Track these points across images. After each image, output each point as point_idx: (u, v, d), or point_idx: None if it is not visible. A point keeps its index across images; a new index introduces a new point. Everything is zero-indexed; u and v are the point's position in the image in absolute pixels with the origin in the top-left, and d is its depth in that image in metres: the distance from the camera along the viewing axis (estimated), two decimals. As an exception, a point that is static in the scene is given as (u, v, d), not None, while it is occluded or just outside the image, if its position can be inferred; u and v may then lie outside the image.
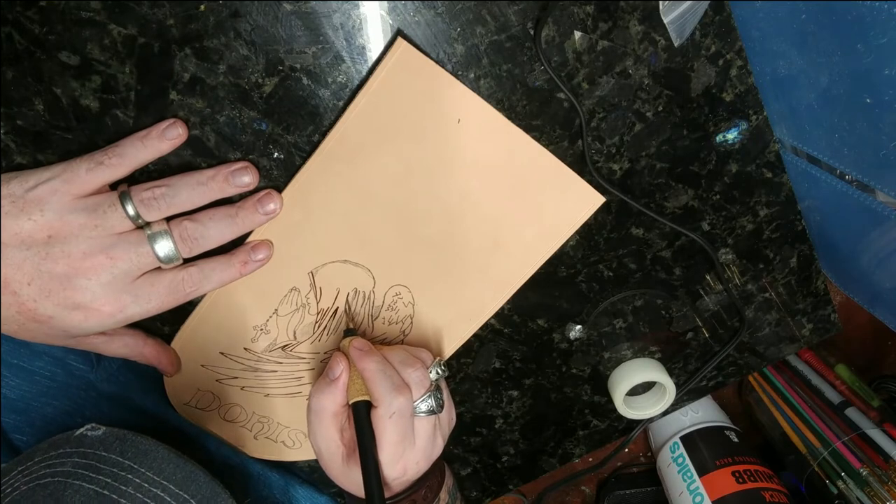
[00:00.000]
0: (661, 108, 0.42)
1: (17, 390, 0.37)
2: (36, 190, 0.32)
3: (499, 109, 0.39)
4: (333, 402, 0.38)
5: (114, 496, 0.28)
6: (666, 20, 0.38)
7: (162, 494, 0.29)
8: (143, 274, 0.35)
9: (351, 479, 0.38)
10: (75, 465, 0.28)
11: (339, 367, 0.38)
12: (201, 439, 0.46)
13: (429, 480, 0.41)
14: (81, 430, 0.31)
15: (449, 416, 0.42)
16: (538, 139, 0.40)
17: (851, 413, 0.65)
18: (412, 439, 0.38)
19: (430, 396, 0.39)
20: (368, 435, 0.36)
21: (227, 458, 0.46)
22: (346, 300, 0.44)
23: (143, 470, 0.29)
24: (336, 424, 0.38)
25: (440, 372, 0.41)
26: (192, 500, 0.30)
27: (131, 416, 0.42)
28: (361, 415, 0.37)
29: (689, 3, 0.37)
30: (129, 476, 0.29)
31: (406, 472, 0.38)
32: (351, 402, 0.37)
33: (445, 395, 0.41)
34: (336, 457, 0.38)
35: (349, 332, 0.42)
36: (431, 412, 0.39)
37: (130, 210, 0.34)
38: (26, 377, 0.38)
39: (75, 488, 0.27)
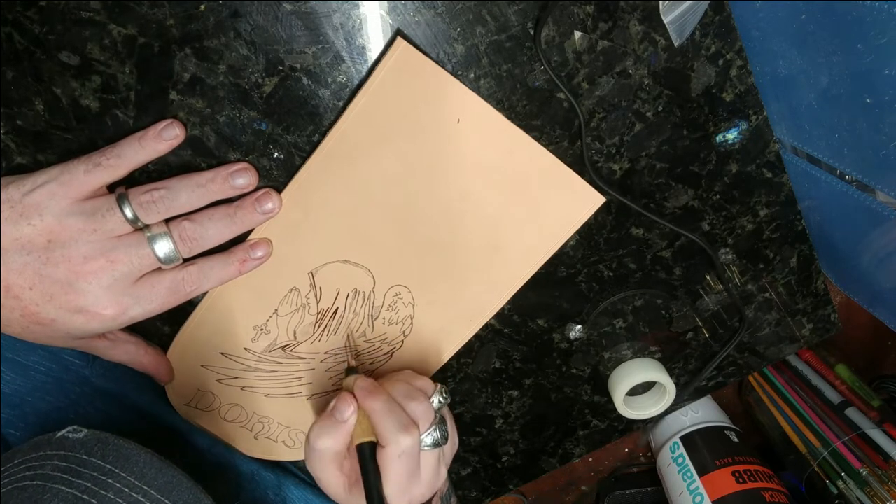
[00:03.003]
0: (661, 108, 0.42)
1: (12, 385, 0.37)
2: (34, 194, 0.32)
3: (499, 109, 0.39)
4: (336, 443, 0.37)
5: (93, 501, 0.27)
6: (666, 20, 0.38)
7: (143, 500, 0.28)
8: (144, 275, 0.35)
9: (354, 503, 0.38)
10: (55, 468, 0.28)
11: (349, 410, 0.37)
12: (193, 437, 0.46)
13: None
14: (63, 431, 0.30)
15: (452, 443, 0.42)
16: (538, 139, 0.40)
17: (851, 413, 0.65)
18: (418, 475, 0.38)
19: (435, 429, 0.38)
20: (375, 476, 0.36)
21: (220, 456, 0.46)
22: (347, 338, 0.44)
23: (124, 475, 0.29)
24: (337, 462, 0.38)
25: (442, 400, 0.40)
26: None
27: (125, 412, 0.42)
28: (367, 456, 0.36)
29: (689, 3, 0.37)
30: (110, 481, 0.28)
31: None
32: (357, 443, 0.37)
33: (449, 424, 0.41)
34: (338, 488, 0.38)
35: (351, 371, 0.41)
36: (436, 445, 0.38)
37: (129, 213, 0.34)
38: (21, 372, 0.38)
39: (54, 492, 0.27)
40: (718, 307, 0.52)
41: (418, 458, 0.37)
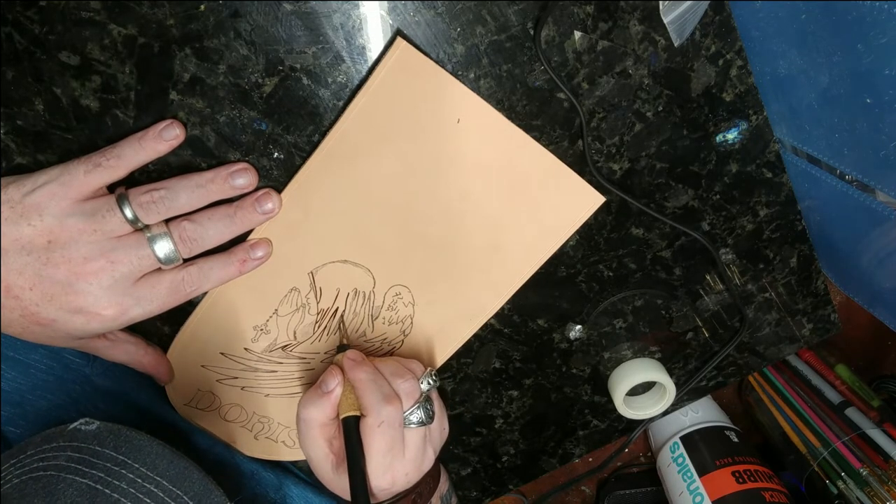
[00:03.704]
0: (661, 108, 0.42)
1: (13, 382, 0.37)
2: (34, 194, 0.32)
3: (499, 109, 0.39)
4: (322, 414, 0.38)
5: (107, 491, 0.28)
6: (666, 20, 0.38)
7: (155, 490, 0.29)
8: (144, 276, 0.35)
9: (341, 485, 0.38)
10: (69, 458, 0.28)
11: (334, 381, 0.38)
12: (194, 436, 0.46)
13: (419, 487, 0.41)
14: (75, 424, 0.30)
15: (440, 426, 0.42)
16: (538, 139, 0.40)
17: (851, 413, 0.65)
18: (401, 450, 0.38)
19: (419, 408, 0.39)
20: (357, 450, 0.36)
21: (220, 455, 0.46)
22: (341, 317, 0.44)
23: (136, 465, 0.29)
24: (324, 435, 0.38)
25: (431, 383, 0.40)
26: (185, 497, 0.30)
27: (126, 411, 0.42)
28: (351, 429, 0.37)
29: (689, 3, 0.37)
30: (123, 471, 0.29)
31: (395, 484, 0.38)
32: (342, 416, 0.37)
33: (437, 406, 0.41)
34: (326, 464, 0.39)
35: (342, 348, 0.42)
36: (421, 423, 0.39)
37: (129, 213, 0.34)
38: (22, 370, 0.38)
39: (68, 482, 0.27)
40: (718, 307, 0.52)
41: (401, 432, 0.38)
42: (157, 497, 0.29)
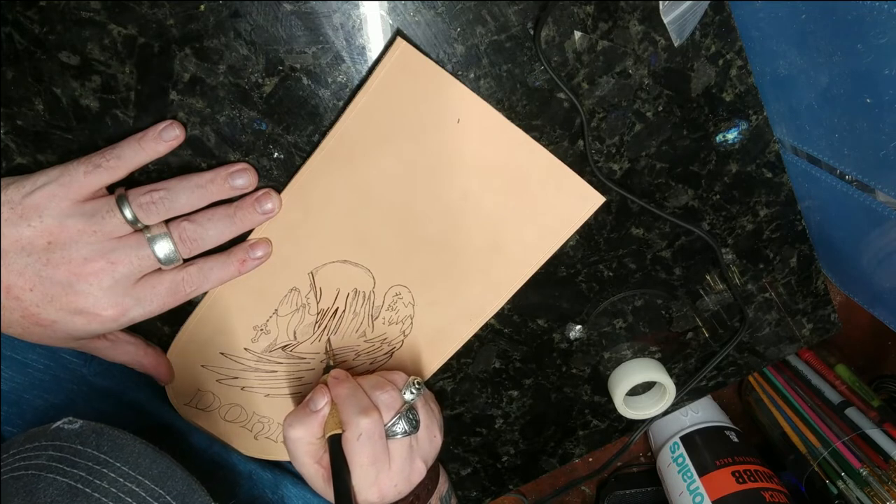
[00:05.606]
0: (661, 108, 0.42)
1: (10, 382, 0.37)
2: (34, 195, 0.32)
3: (499, 109, 0.39)
4: (308, 433, 0.38)
5: (87, 490, 0.27)
6: (666, 20, 0.38)
7: (137, 489, 0.29)
8: (144, 276, 0.35)
9: (333, 497, 0.38)
10: (50, 458, 0.28)
11: (322, 401, 0.38)
12: (191, 436, 0.46)
13: (416, 489, 0.41)
14: (58, 423, 0.30)
15: (429, 436, 0.41)
16: (538, 139, 0.40)
17: (851, 413, 0.65)
18: (386, 462, 0.38)
19: (401, 418, 0.39)
20: (343, 468, 0.36)
21: (218, 455, 0.46)
22: (328, 340, 0.44)
23: (118, 464, 0.29)
24: (311, 452, 0.39)
25: (414, 392, 0.40)
26: (167, 496, 0.29)
27: (123, 411, 0.42)
28: (336, 448, 0.37)
29: (689, 3, 0.37)
30: (105, 470, 0.29)
31: (384, 497, 0.38)
32: (327, 435, 0.38)
33: (423, 415, 0.41)
34: (317, 478, 0.39)
35: (329, 369, 0.42)
36: (406, 433, 0.39)
37: (128, 214, 0.34)
38: (19, 369, 0.38)
39: (49, 481, 0.27)
40: (718, 307, 0.52)
41: (383, 444, 0.38)
42: (139, 496, 0.29)
